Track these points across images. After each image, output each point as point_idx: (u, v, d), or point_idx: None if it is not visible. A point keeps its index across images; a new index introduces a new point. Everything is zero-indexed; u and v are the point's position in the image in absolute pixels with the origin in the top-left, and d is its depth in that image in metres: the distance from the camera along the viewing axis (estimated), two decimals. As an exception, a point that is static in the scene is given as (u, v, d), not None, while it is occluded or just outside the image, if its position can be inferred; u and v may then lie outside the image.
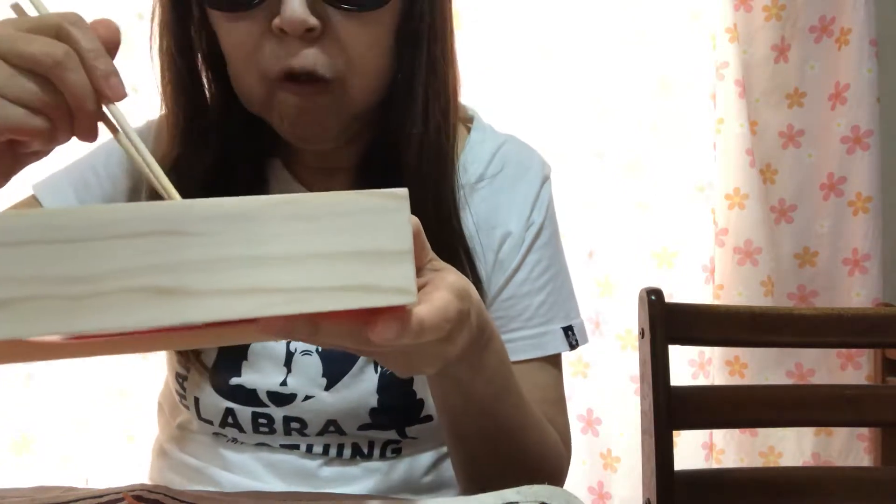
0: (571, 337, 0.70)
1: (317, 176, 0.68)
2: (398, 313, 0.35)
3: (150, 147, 0.67)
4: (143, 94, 1.38)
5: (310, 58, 0.56)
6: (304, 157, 0.68)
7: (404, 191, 0.32)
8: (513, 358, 0.64)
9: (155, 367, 1.35)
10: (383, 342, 0.36)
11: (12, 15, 0.44)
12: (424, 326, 0.38)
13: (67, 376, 1.39)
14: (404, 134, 0.62)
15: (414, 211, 0.35)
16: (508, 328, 0.67)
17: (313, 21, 0.54)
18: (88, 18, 0.44)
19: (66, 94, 0.42)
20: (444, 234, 0.63)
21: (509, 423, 0.58)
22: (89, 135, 0.44)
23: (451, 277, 0.43)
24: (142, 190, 0.67)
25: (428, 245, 0.45)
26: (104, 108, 0.43)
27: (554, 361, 0.70)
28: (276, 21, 0.54)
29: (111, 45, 0.43)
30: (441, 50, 0.63)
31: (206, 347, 0.64)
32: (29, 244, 0.26)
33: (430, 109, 0.63)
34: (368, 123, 0.65)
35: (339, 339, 0.37)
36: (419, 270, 0.44)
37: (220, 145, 0.64)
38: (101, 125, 0.44)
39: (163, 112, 0.71)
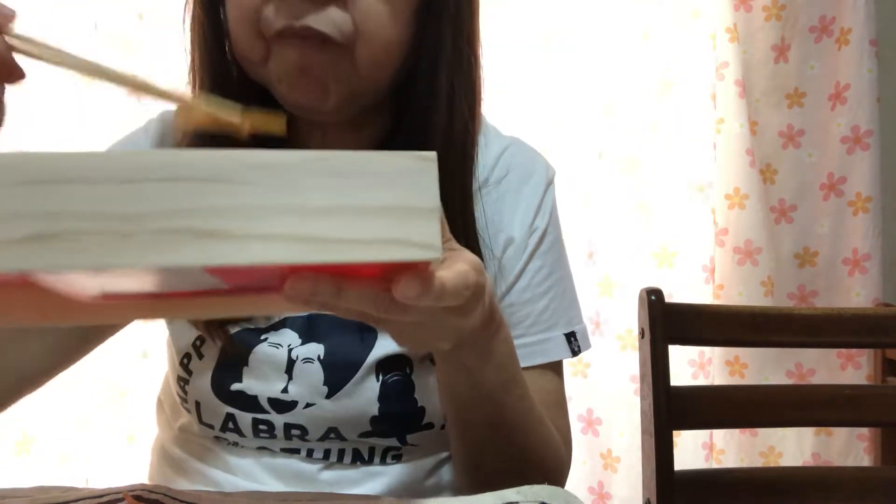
0: (574, 343, 0.69)
1: None
2: (420, 272, 0.36)
3: (167, 143, 0.67)
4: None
5: (316, 18, 0.54)
6: (309, 147, 0.67)
7: (433, 154, 0.33)
8: None
9: (155, 367, 1.35)
10: (405, 299, 0.36)
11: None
12: (445, 289, 0.38)
13: (67, 376, 1.38)
14: (428, 123, 0.61)
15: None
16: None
17: None
18: (90, 20, 0.43)
19: None
20: (467, 235, 0.63)
21: (514, 415, 0.58)
22: (9, 74, 0.42)
23: (468, 254, 0.44)
24: None
25: (447, 228, 0.45)
26: (8, 40, 0.41)
27: (556, 368, 0.70)
28: None
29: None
30: (467, 42, 0.62)
31: (230, 315, 0.62)
32: (74, 182, 0.28)
33: (455, 101, 0.61)
34: (376, 114, 0.64)
35: (361, 302, 0.37)
36: None
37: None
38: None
39: (170, 109, 0.70)
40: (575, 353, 0.69)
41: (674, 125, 1.45)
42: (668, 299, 0.89)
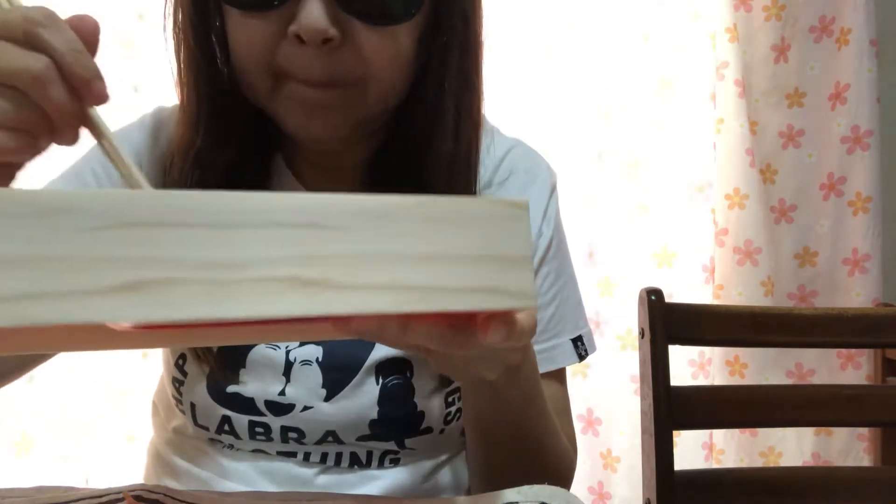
0: (581, 348, 0.70)
1: (319, 175, 0.66)
2: (507, 317, 0.36)
3: (162, 138, 0.66)
4: (143, 94, 1.38)
5: (326, 68, 0.53)
6: (308, 154, 0.66)
7: (525, 201, 0.33)
8: None
9: (155, 368, 1.35)
10: (493, 344, 0.36)
11: None
12: (525, 330, 0.39)
13: (67, 376, 1.39)
14: (432, 150, 0.60)
15: None
16: None
17: (333, 31, 0.51)
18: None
19: (47, 108, 0.39)
20: None
21: (535, 429, 0.59)
22: (71, 141, 0.41)
23: None
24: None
25: None
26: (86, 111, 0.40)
27: (560, 375, 0.70)
28: (294, 27, 0.51)
29: (90, 43, 0.40)
30: (473, 64, 0.61)
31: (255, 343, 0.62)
32: (171, 226, 0.26)
33: (461, 126, 0.61)
34: (378, 126, 0.64)
35: (426, 339, 0.37)
36: None
37: (236, 138, 0.61)
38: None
39: (166, 105, 0.70)
40: (582, 357, 0.70)
41: (674, 125, 1.45)
42: (668, 299, 0.89)
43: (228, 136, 0.60)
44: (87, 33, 0.40)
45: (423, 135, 0.61)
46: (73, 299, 0.24)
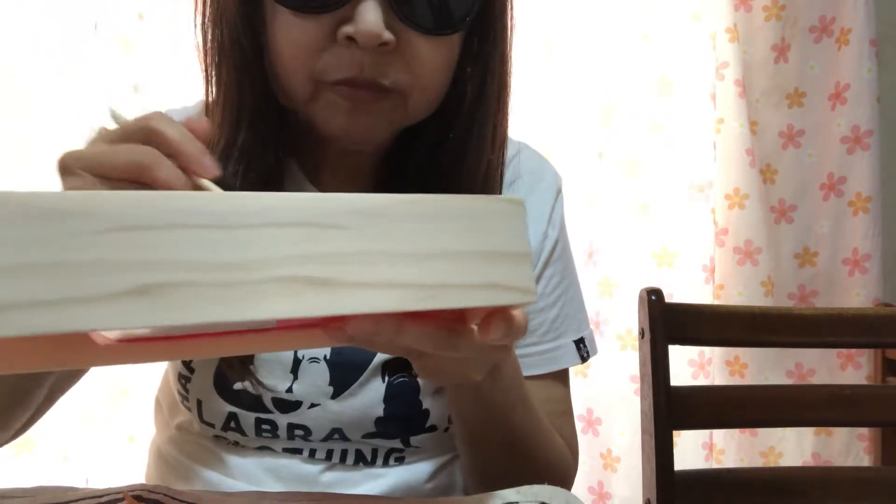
0: (583, 349, 0.70)
1: (331, 178, 0.65)
2: (506, 313, 0.36)
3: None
4: (143, 94, 1.38)
5: (375, 70, 0.53)
6: (323, 157, 0.64)
7: (522, 198, 0.34)
8: (527, 373, 0.65)
9: (155, 367, 1.35)
10: (493, 341, 0.37)
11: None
12: (521, 326, 0.39)
13: (67, 376, 1.39)
14: (468, 161, 0.60)
15: None
16: (524, 343, 0.68)
17: (388, 36, 0.51)
18: (90, 20, 0.42)
19: (157, 187, 0.40)
20: None
21: (521, 432, 0.59)
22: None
23: None
24: None
25: None
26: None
27: (563, 377, 0.70)
28: (348, 29, 0.51)
29: (200, 137, 0.42)
30: (508, 76, 0.62)
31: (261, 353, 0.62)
32: (179, 228, 0.25)
33: (497, 136, 0.62)
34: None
35: (420, 341, 0.37)
36: None
37: (272, 138, 0.60)
38: None
39: (174, 107, 0.69)
40: (584, 358, 0.70)
41: (674, 125, 1.45)
42: (668, 299, 0.89)
43: (266, 137, 0.59)
44: (197, 129, 0.42)
45: (461, 145, 0.61)
46: (85, 306, 0.23)
